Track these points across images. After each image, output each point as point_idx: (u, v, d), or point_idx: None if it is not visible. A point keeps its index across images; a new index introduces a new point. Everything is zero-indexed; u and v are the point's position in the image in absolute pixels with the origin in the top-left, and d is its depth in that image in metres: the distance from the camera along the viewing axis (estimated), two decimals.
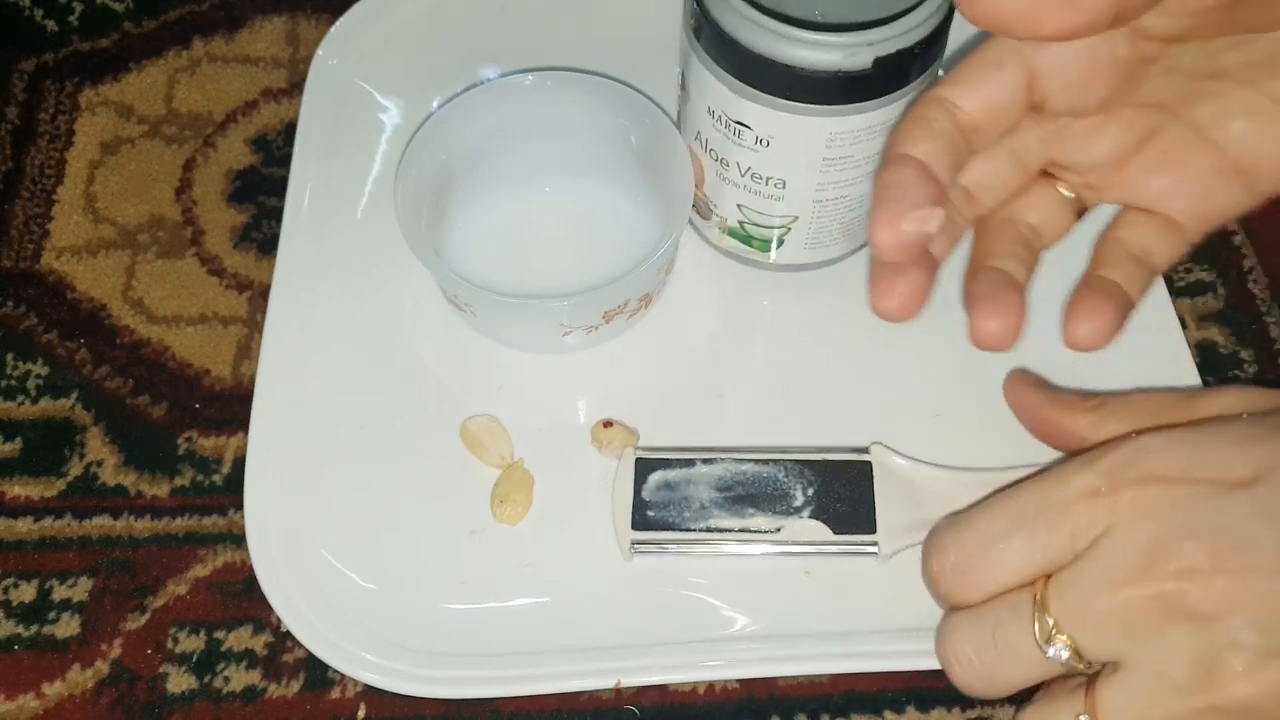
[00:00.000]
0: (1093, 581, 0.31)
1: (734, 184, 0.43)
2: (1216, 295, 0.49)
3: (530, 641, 0.39)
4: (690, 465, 0.41)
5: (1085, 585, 0.32)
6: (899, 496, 0.40)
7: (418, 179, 0.44)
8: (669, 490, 0.41)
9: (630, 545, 0.40)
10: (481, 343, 0.45)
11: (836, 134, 0.40)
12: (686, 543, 0.40)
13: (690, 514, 0.40)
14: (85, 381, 0.46)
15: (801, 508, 0.40)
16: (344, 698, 0.40)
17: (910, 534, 0.39)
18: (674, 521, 0.40)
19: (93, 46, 0.56)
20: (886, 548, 0.40)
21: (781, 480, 0.41)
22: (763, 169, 0.42)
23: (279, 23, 0.56)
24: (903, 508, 0.40)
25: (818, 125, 0.39)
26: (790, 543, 0.40)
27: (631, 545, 0.40)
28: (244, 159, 0.52)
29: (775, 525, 0.40)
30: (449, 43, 0.54)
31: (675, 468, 0.41)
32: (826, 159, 0.41)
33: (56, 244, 0.50)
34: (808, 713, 0.40)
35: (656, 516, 0.40)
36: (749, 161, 0.42)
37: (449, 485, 0.42)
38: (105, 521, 0.43)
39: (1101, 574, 0.31)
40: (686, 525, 0.40)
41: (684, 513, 0.40)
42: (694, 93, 0.42)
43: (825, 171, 0.41)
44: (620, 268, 0.43)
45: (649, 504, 0.40)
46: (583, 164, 0.47)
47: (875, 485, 0.40)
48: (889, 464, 0.41)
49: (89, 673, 0.40)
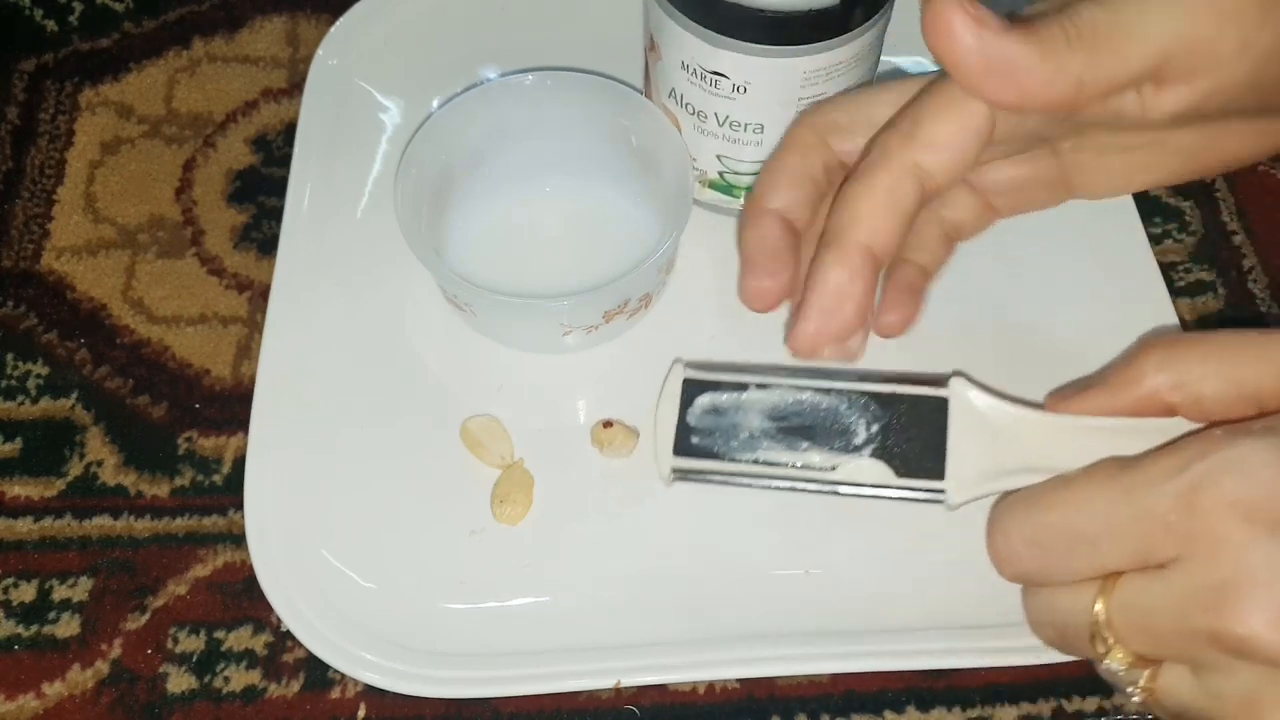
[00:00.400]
0: (1160, 605, 0.30)
1: (712, 135, 0.44)
2: (1216, 295, 0.49)
3: (530, 641, 0.39)
4: (742, 390, 0.37)
5: (1152, 607, 0.30)
6: (976, 439, 0.35)
7: (418, 179, 0.44)
8: (717, 416, 0.37)
9: (670, 471, 0.36)
10: (481, 343, 0.45)
11: (810, 73, 0.41)
12: (730, 474, 0.36)
13: (738, 443, 0.36)
14: (85, 381, 0.46)
15: (863, 445, 0.36)
16: (344, 698, 0.40)
17: (983, 483, 0.35)
18: (719, 450, 0.36)
19: (93, 46, 0.56)
20: (955, 496, 0.35)
21: (843, 413, 0.36)
22: (741, 116, 0.43)
23: (279, 23, 0.56)
24: (979, 453, 0.35)
25: (792, 65, 0.41)
26: (845, 483, 0.35)
27: (672, 471, 0.36)
28: (244, 159, 0.52)
29: (831, 463, 0.35)
30: (449, 43, 0.54)
31: (726, 391, 0.37)
32: (802, 98, 0.42)
33: (56, 244, 0.50)
34: (808, 713, 0.40)
35: (701, 443, 0.36)
36: (727, 110, 0.43)
37: (449, 485, 0.42)
38: (105, 521, 0.43)
39: (1170, 599, 0.30)
40: (733, 455, 0.36)
41: (731, 441, 0.36)
42: (666, 50, 0.43)
43: (801, 110, 0.42)
44: (620, 268, 0.43)
45: (694, 429, 0.36)
46: (583, 164, 0.47)
47: (950, 425, 0.36)
48: (968, 400, 0.36)
49: (89, 673, 0.40)
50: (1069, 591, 0.32)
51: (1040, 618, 0.34)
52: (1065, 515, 0.32)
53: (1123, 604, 0.31)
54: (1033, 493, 0.33)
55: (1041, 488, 0.33)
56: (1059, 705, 0.40)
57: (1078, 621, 0.32)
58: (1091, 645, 0.31)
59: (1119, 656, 0.31)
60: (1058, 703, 0.40)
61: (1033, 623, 0.34)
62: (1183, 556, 0.30)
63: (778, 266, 0.37)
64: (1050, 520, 0.32)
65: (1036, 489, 0.33)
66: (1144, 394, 0.34)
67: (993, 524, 0.34)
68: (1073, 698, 0.40)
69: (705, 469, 0.36)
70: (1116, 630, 0.31)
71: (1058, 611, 0.33)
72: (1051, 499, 0.32)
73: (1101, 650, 0.31)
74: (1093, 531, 0.31)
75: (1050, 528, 0.32)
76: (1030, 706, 0.40)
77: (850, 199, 0.35)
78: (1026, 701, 0.40)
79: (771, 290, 0.38)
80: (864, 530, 0.42)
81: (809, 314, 0.35)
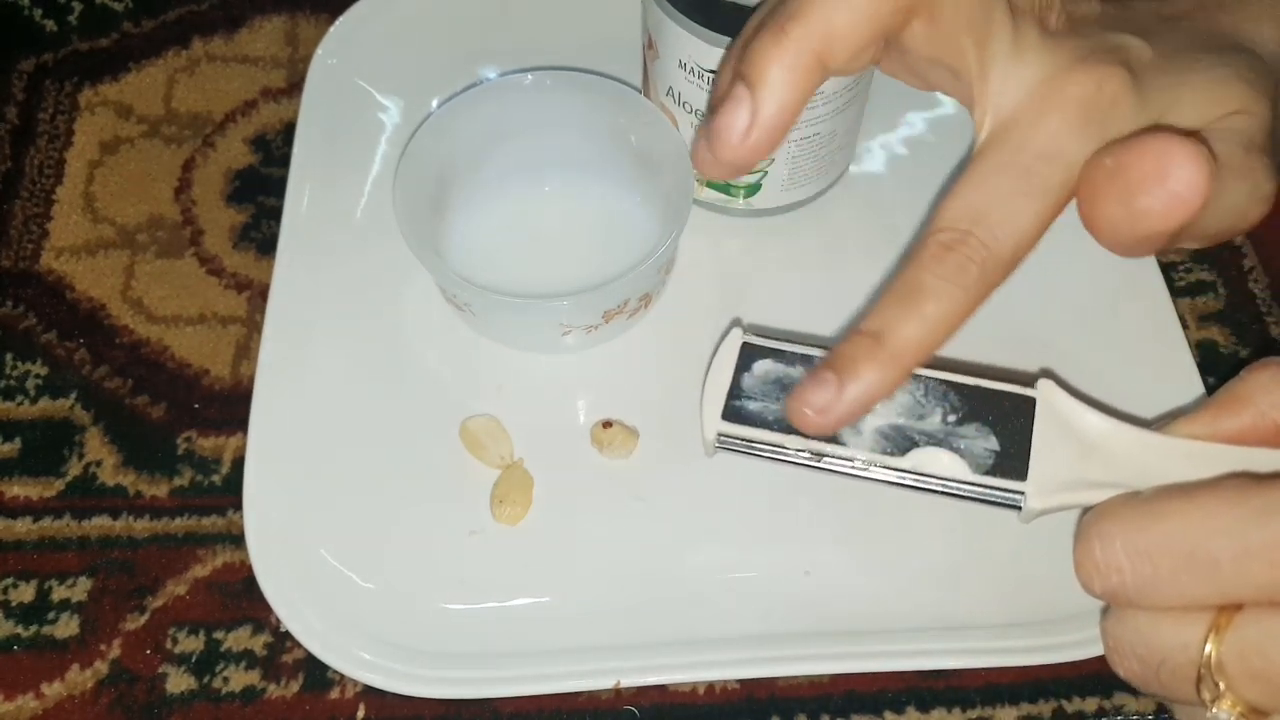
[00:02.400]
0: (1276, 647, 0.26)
1: None
2: (1216, 295, 0.49)
3: (530, 641, 0.39)
4: (808, 361, 0.34)
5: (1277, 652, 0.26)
6: (1063, 446, 0.32)
7: (418, 179, 0.44)
8: (775, 385, 0.34)
9: (715, 437, 0.33)
10: (481, 343, 0.45)
11: None
12: (781, 448, 0.33)
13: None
14: (84, 381, 0.46)
15: (938, 436, 0.32)
16: (343, 698, 0.40)
17: (1067, 493, 0.32)
18: (773, 420, 0.33)
19: (92, 46, 0.56)
20: (1036, 502, 0.32)
21: (918, 399, 0.33)
22: None
23: (278, 22, 0.56)
24: (1065, 461, 0.32)
25: None
26: (916, 473, 0.32)
27: (717, 437, 0.33)
28: (243, 159, 0.52)
29: (901, 449, 0.32)
30: (449, 43, 0.54)
31: (787, 361, 0.34)
32: None
33: (56, 244, 0.49)
34: (808, 713, 0.40)
35: (754, 410, 0.33)
36: None
37: (449, 485, 0.42)
38: (104, 522, 0.43)
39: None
40: (787, 428, 0.32)
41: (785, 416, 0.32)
42: (664, 49, 0.43)
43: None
44: (620, 268, 0.43)
45: (747, 394, 0.33)
46: (583, 164, 0.47)
47: (1036, 427, 0.32)
48: (1058, 404, 0.33)
49: (88, 673, 0.40)
50: (1173, 620, 0.28)
51: (1127, 647, 0.29)
52: (1185, 528, 0.27)
53: (1241, 644, 0.27)
54: (1146, 498, 0.28)
55: (1158, 493, 0.29)
56: (1059, 705, 0.40)
57: (1180, 658, 0.28)
58: (1195, 688, 0.27)
59: (1227, 705, 0.27)
60: (1058, 703, 0.40)
61: (1113, 650, 0.30)
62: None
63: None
64: (1166, 530, 0.28)
65: (1151, 494, 0.29)
66: (1253, 416, 0.30)
67: (1090, 527, 0.29)
68: (1073, 698, 0.40)
69: (754, 439, 0.33)
70: (1229, 675, 0.27)
71: (1154, 642, 0.28)
72: (1170, 507, 0.28)
73: (1208, 696, 0.27)
74: (1215, 551, 0.27)
75: (1164, 539, 0.28)
76: (1030, 706, 0.40)
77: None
78: (1026, 701, 0.40)
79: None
80: (864, 530, 0.42)
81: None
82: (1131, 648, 0.29)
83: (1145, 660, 0.29)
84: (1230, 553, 0.26)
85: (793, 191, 0.47)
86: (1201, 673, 0.27)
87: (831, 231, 0.48)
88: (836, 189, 0.49)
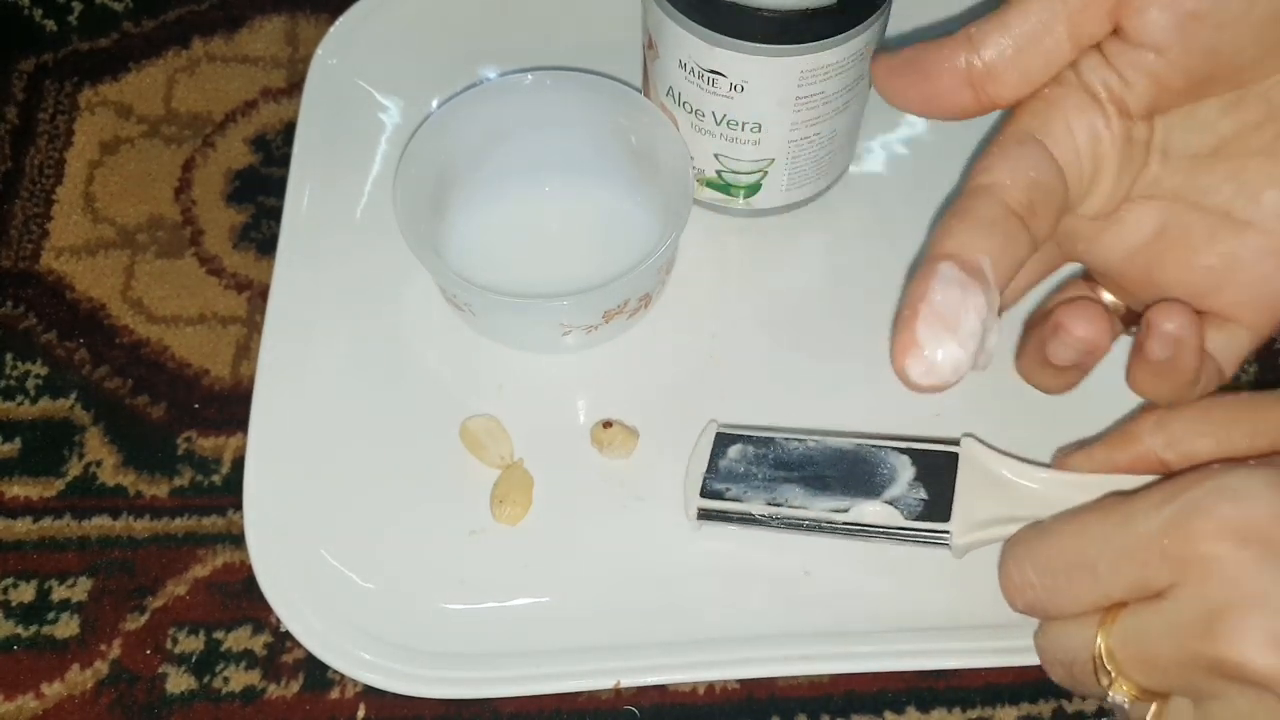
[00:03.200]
0: (1158, 634, 0.30)
1: (710, 134, 0.44)
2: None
3: (530, 641, 0.39)
4: (769, 443, 0.41)
5: (1150, 636, 0.30)
6: (982, 490, 0.39)
7: (418, 179, 0.44)
8: (744, 464, 0.41)
9: (697, 511, 0.40)
10: (481, 343, 0.45)
11: (808, 72, 0.41)
12: (750, 515, 0.40)
13: (760, 489, 0.40)
14: (84, 381, 0.46)
15: (876, 493, 0.39)
16: (343, 698, 0.40)
17: (987, 529, 0.38)
18: (742, 494, 0.40)
19: (92, 46, 0.56)
20: (960, 539, 0.38)
21: (860, 464, 0.40)
22: (738, 114, 0.43)
23: (278, 22, 0.56)
24: (984, 502, 0.38)
25: (789, 65, 0.41)
26: (854, 524, 0.39)
27: (698, 511, 0.40)
28: (243, 159, 0.52)
29: (844, 506, 0.39)
30: (449, 43, 0.53)
31: (754, 444, 0.41)
32: (799, 98, 0.42)
33: (56, 244, 0.49)
34: (808, 713, 0.40)
35: (726, 488, 0.40)
36: (724, 109, 0.43)
37: (449, 485, 0.42)
38: (104, 522, 0.43)
39: (1166, 628, 0.30)
40: (754, 498, 0.40)
41: (754, 487, 0.40)
42: (664, 49, 0.43)
43: (798, 110, 0.42)
44: (620, 268, 0.43)
45: (721, 474, 0.41)
46: (583, 164, 0.47)
47: (959, 475, 0.39)
48: (977, 455, 0.39)
49: (88, 673, 0.40)
50: (1075, 624, 0.32)
51: (1052, 656, 0.34)
52: (1068, 542, 0.33)
53: (1123, 634, 0.31)
54: (1045, 523, 0.34)
55: (1054, 518, 0.34)
56: (1059, 705, 0.40)
57: (1084, 655, 0.32)
58: (1096, 679, 0.31)
59: (1123, 689, 0.31)
60: (1058, 703, 0.40)
61: (1043, 660, 0.34)
62: (1178, 583, 0.30)
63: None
64: (1056, 547, 0.33)
65: (1049, 520, 0.34)
66: (1140, 452, 0.36)
67: (1006, 554, 0.35)
68: (1073, 698, 0.40)
69: (728, 510, 0.40)
70: (1118, 662, 0.31)
71: (1066, 645, 0.33)
72: (1061, 528, 0.33)
73: (1105, 683, 0.31)
74: (1093, 558, 0.31)
75: (1058, 554, 0.33)
76: (1030, 706, 0.40)
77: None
78: (1026, 701, 0.40)
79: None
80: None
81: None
82: (1054, 655, 0.33)
83: (1064, 663, 0.33)
84: (1105, 557, 0.31)
85: (793, 191, 0.47)
86: (1097, 663, 0.31)
87: (831, 232, 0.48)
88: (836, 189, 0.49)
